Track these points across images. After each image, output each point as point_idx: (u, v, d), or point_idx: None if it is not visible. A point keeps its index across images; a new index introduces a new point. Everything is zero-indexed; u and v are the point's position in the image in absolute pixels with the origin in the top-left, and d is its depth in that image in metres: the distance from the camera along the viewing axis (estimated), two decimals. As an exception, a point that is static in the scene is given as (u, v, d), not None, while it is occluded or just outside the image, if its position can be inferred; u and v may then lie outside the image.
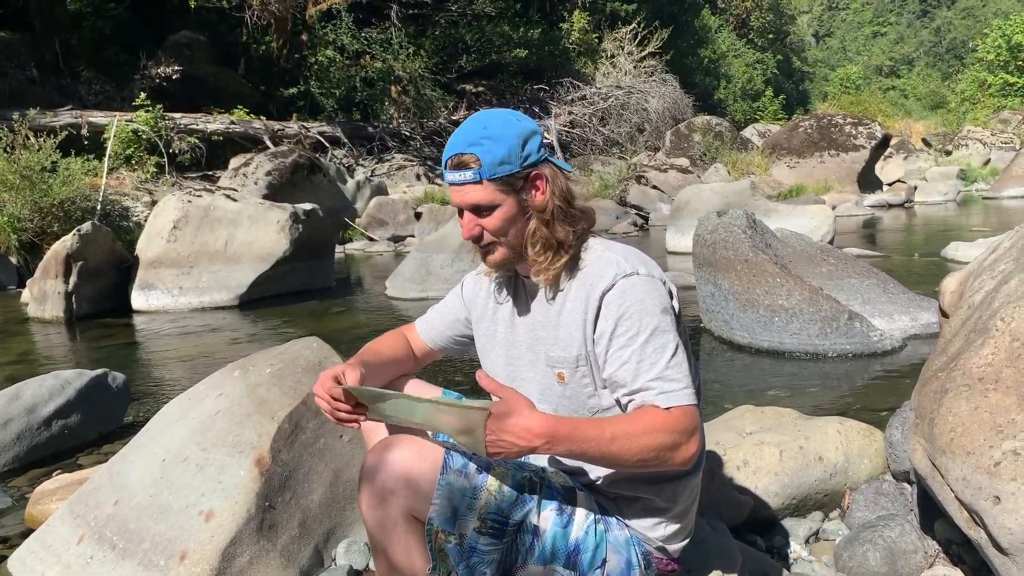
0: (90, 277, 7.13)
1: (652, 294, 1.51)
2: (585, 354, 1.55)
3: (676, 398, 1.44)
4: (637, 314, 1.49)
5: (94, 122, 14.05)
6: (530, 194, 1.55)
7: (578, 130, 21.43)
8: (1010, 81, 34.90)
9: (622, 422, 1.43)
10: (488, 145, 1.50)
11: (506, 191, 1.52)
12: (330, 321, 6.70)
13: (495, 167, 1.50)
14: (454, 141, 1.53)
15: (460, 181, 1.52)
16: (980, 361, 1.75)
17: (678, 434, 1.42)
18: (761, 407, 2.82)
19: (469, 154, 1.50)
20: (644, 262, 1.57)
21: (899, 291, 5.03)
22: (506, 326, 1.70)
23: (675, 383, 1.46)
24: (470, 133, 1.52)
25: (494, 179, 1.51)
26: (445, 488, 1.44)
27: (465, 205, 1.54)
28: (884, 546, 2.02)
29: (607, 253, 1.57)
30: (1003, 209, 14.01)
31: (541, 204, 1.55)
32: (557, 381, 1.59)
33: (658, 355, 1.47)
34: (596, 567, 1.55)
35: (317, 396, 1.54)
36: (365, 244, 12.40)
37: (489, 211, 1.53)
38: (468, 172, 1.50)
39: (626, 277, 1.51)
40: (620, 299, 1.50)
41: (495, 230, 1.55)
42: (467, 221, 1.56)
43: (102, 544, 2.15)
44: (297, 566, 2.20)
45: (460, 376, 4.32)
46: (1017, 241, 2.21)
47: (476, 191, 1.51)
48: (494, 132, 1.51)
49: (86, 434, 3.53)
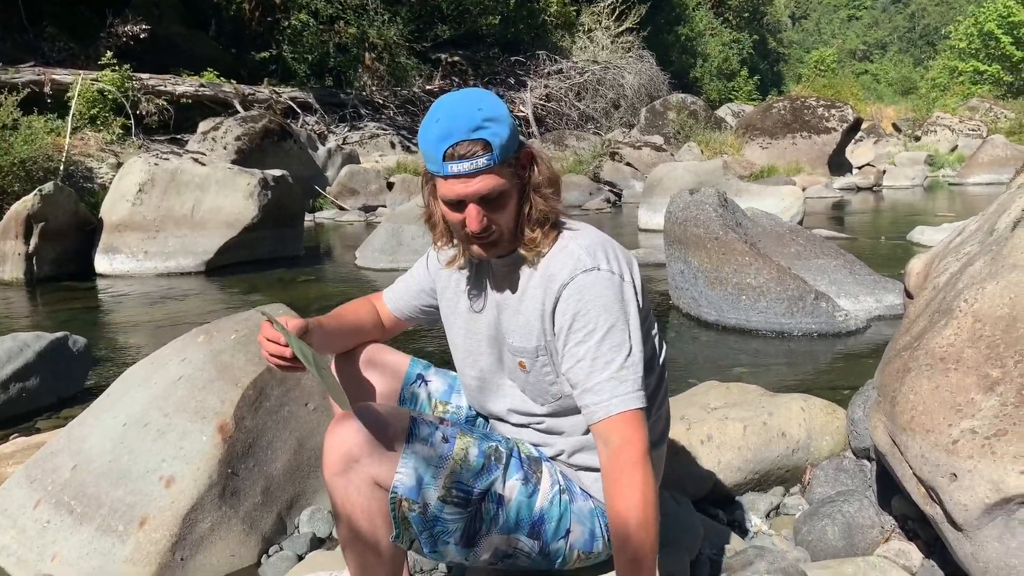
0: (52, 239, 6.98)
1: (611, 290, 1.47)
2: (544, 345, 1.54)
3: (628, 401, 1.43)
4: (594, 311, 1.46)
5: (58, 80, 13.65)
6: (527, 172, 1.50)
7: (553, 104, 21.32)
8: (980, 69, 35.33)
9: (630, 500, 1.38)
10: (494, 128, 1.40)
11: (511, 174, 1.46)
12: (298, 290, 6.63)
13: (505, 150, 1.42)
14: (449, 128, 1.39)
15: (471, 171, 1.39)
16: (943, 341, 1.77)
17: (643, 449, 1.41)
18: (726, 383, 2.84)
19: (477, 140, 1.39)
20: (608, 255, 1.52)
21: (865, 273, 5.09)
22: (468, 301, 1.68)
23: (627, 384, 1.44)
24: (469, 117, 1.39)
25: (504, 163, 1.43)
26: (410, 457, 1.43)
27: (473, 195, 1.42)
28: (842, 521, 2.06)
29: (571, 244, 1.52)
30: (968, 195, 14.25)
31: (537, 181, 1.50)
32: (519, 369, 1.59)
33: (613, 354, 1.45)
34: (560, 537, 1.56)
35: (260, 338, 1.51)
36: (335, 213, 12.27)
37: (498, 198, 1.44)
38: (481, 160, 1.39)
39: (585, 272, 1.47)
40: (578, 295, 1.47)
41: (501, 217, 1.46)
42: (476, 214, 1.43)
43: (59, 509, 2.11)
44: (260, 533, 2.18)
45: (432, 347, 4.31)
46: (983, 224, 2.24)
47: (489, 179, 1.41)
48: (492, 113, 1.41)
49: (44, 398, 3.47)
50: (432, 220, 1.59)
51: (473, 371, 1.70)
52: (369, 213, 12.27)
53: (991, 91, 32.26)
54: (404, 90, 19.77)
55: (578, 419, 1.58)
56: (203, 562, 2.07)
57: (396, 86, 19.78)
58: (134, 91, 14.11)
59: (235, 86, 16.32)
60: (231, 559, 2.11)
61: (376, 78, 19.79)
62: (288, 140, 12.21)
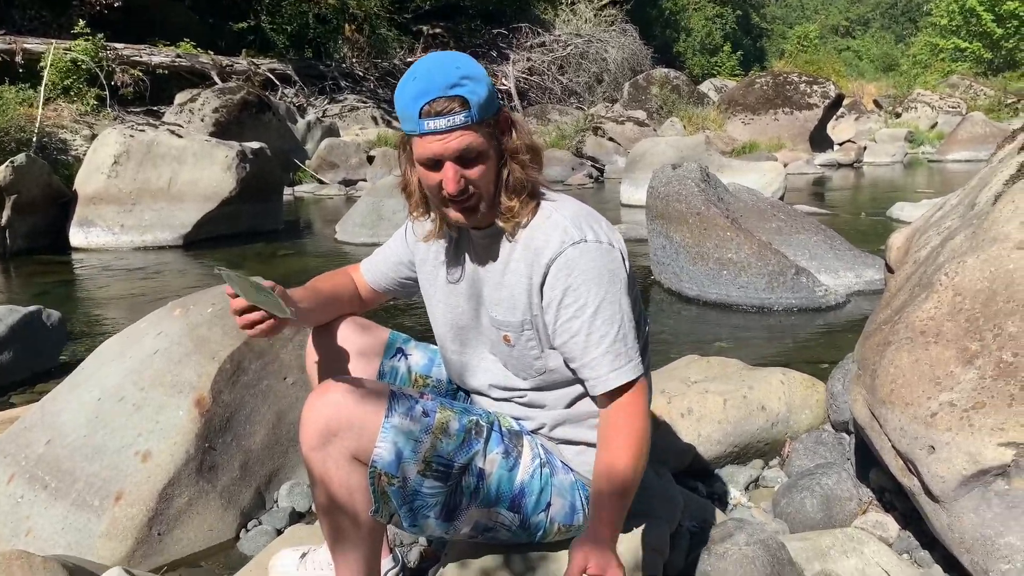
0: (25, 212, 6.86)
1: (601, 262, 1.46)
2: (531, 319, 1.52)
3: (624, 374, 1.45)
4: (585, 284, 1.45)
5: (29, 49, 13.33)
6: (505, 137, 1.47)
7: (536, 77, 21.15)
8: (961, 46, 35.38)
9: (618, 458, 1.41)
10: (471, 86, 1.37)
11: (489, 135, 1.43)
12: (277, 264, 6.57)
13: (483, 109, 1.39)
14: (426, 86, 1.37)
15: (448, 127, 1.36)
16: (923, 315, 1.77)
17: (640, 402, 1.47)
18: (707, 357, 2.85)
19: (454, 96, 1.36)
20: (593, 225, 1.50)
21: (845, 248, 5.12)
22: (447, 273, 1.66)
23: (622, 357, 1.46)
24: (446, 75, 1.36)
25: (481, 122, 1.40)
26: (390, 431, 1.42)
27: (450, 154, 1.39)
28: (821, 493, 2.08)
29: (555, 215, 1.50)
30: (947, 172, 14.34)
31: (515, 147, 1.47)
32: (504, 343, 1.57)
33: (607, 327, 1.45)
34: (540, 510, 1.56)
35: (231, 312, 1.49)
36: (315, 187, 12.13)
37: (476, 158, 1.41)
38: (458, 116, 1.36)
39: (574, 245, 1.46)
40: (568, 268, 1.45)
41: (480, 179, 1.43)
42: (452, 173, 1.40)
43: (33, 484, 2.08)
44: (238, 508, 2.17)
45: (411, 321, 4.29)
46: (963, 198, 2.24)
47: (467, 136, 1.38)
48: (470, 72, 1.39)
49: (17, 373, 3.42)
50: (408, 189, 1.56)
51: (454, 345, 1.68)
52: (349, 187, 12.14)
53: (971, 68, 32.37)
54: (385, 62, 19.50)
55: (560, 393, 1.57)
56: (180, 537, 2.05)
57: (377, 58, 19.51)
58: (108, 61, 13.82)
59: (212, 57, 16.02)
60: (209, 534, 2.09)
61: (356, 50, 19.51)
62: (267, 112, 12.03)
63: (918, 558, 1.85)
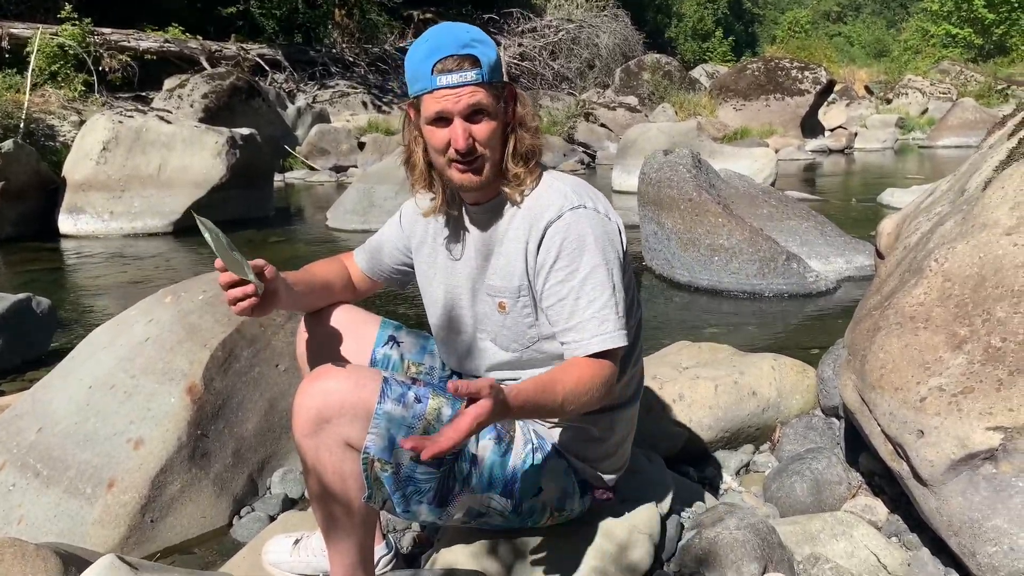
0: (13, 198, 6.80)
1: (597, 229, 1.48)
2: (528, 284, 1.53)
3: (610, 340, 1.45)
4: (578, 249, 1.46)
5: (15, 34, 13.20)
6: (512, 105, 1.50)
7: (528, 63, 21.06)
8: (952, 32, 35.41)
9: (568, 382, 1.40)
10: (482, 48, 1.43)
11: (497, 98, 1.46)
12: (268, 251, 6.54)
13: (492, 71, 1.44)
14: (438, 43, 1.42)
15: (460, 83, 1.41)
16: (913, 300, 1.78)
17: (611, 375, 1.45)
18: (698, 343, 2.86)
19: (467, 55, 1.41)
20: (593, 196, 1.54)
21: (836, 234, 5.13)
22: (447, 252, 1.66)
23: (608, 324, 1.45)
24: (459, 36, 1.42)
25: (491, 84, 1.44)
26: (382, 417, 1.42)
27: (462, 110, 1.42)
28: (811, 477, 2.09)
29: (556, 183, 1.54)
30: (937, 158, 14.37)
31: (522, 114, 1.51)
32: (498, 311, 1.57)
33: (596, 293, 1.45)
34: (533, 495, 1.56)
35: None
36: (306, 173, 12.07)
37: (485, 117, 1.44)
38: (469, 73, 1.41)
39: (573, 210, 1.48)
40: (564, 231, 1.47)
41: (486, 138, 1.45)
42: (461, 131, 1.43)
43: (25, 472, 2.08)
44: (231, 495, 2.17)
45: (404, 308, 4.29)
46: (954, 184, 2.25)
47: (478, 93, 1.42)
48: (481, 37, 1.45)
49: (8, 361, 3.40)
50: (412, 160, 1.57)
51: (447, 330, 1.68)
52: (340, 173, 12.09)
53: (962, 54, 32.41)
54: (375, 47, 19.38)
55: None
56: (173, 524, 2.05)
57: (367, 43, 19.39)
58: (96, 46, 13.69)
59: (201, 42, 15.89)
60: (202, 520, 2.10)
61: (346, 35, 19.38)
62: (256, 98, 11.94)
63: (907, 541, 1.87)
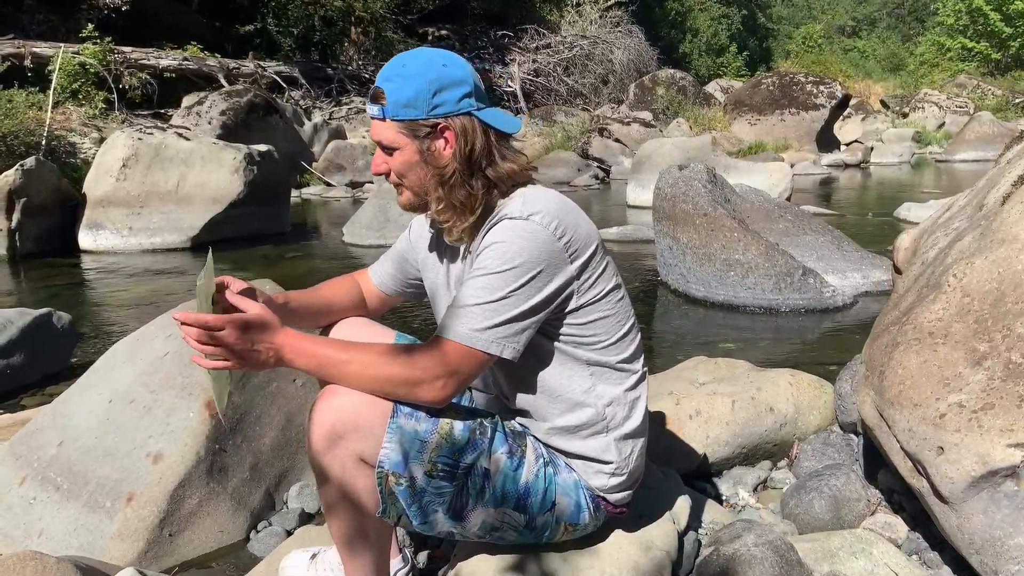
0: (34, 215, 6.89)
1: (526, 240, 1.42)
2: None
3: (458, 334, 1.40)
4: (497, 254, 1.43)
5: (38, 53, 13.42)
6: (434, 145, 1.49)
7: (542, 79, 21.17)
8: (968, 46, 35.24)
9: (366, 348, 1.42)
10: (397, 83, 1.46)
11: (408, 135, 1.48)
12: (285, 266, 6.59)
13: (398, 108, 1.46)
14: (383, 71, 1.50)
15: (371, 115, 1.51)
16: (931, 316, 1.77)
17: (421, 370, 1.39)
18: (714, 358, 2.85)
19: (380, 88, 1.47)
20: (548, 212, 1.45)
21: (852, 249, 5.11)
22: (445, 271, 1.69)
23: (471, 321, 1.40)
24: (390, 67, 1.49)
25: (396, 120, 1.47)
26: (396, 432, 1.42)
27: (374, 138, 1.52)
28: (829, 494, 2.07)
29: (517, 198, 1.50)
30: (954, 172, 14.28)
31: (442, 161, 1.48)
32: None
33: (483, 293, 1.41)
34: (546, 510, 1.56)
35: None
36: (322, 189, 12.16)
37: (393, 149, 1.51)
38: (375, 107, 1.48)
39: (511, 219, 1.45)
40: (492, 236, 1.45)
41: (396, 171, 1.53)
42: (377, 156, 1.55)
43: (45, 485, 2.10)
44: (248, 509, 2.18)
45: (418, 322, 4.30)
46: (972, 199, 2.24)
47: (381, 128, 1.50)
48: (409, 71, 1.47)
49: (29, 375, 3.43)
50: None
51: None
52: (356, 189, 12.17)
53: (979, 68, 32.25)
54: (391, 64, 19.55)
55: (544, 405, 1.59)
56: (191, 538, 2.06)
57: (382, 60, 19.51)
58: (116, 64, 13.90)
59: (219, 60, 16.09)
60: (219, 535, 2.10)
61: (362, 52, 19.59)
62: (274, 115, 12.07)
63: (927, 559, 1.85)
